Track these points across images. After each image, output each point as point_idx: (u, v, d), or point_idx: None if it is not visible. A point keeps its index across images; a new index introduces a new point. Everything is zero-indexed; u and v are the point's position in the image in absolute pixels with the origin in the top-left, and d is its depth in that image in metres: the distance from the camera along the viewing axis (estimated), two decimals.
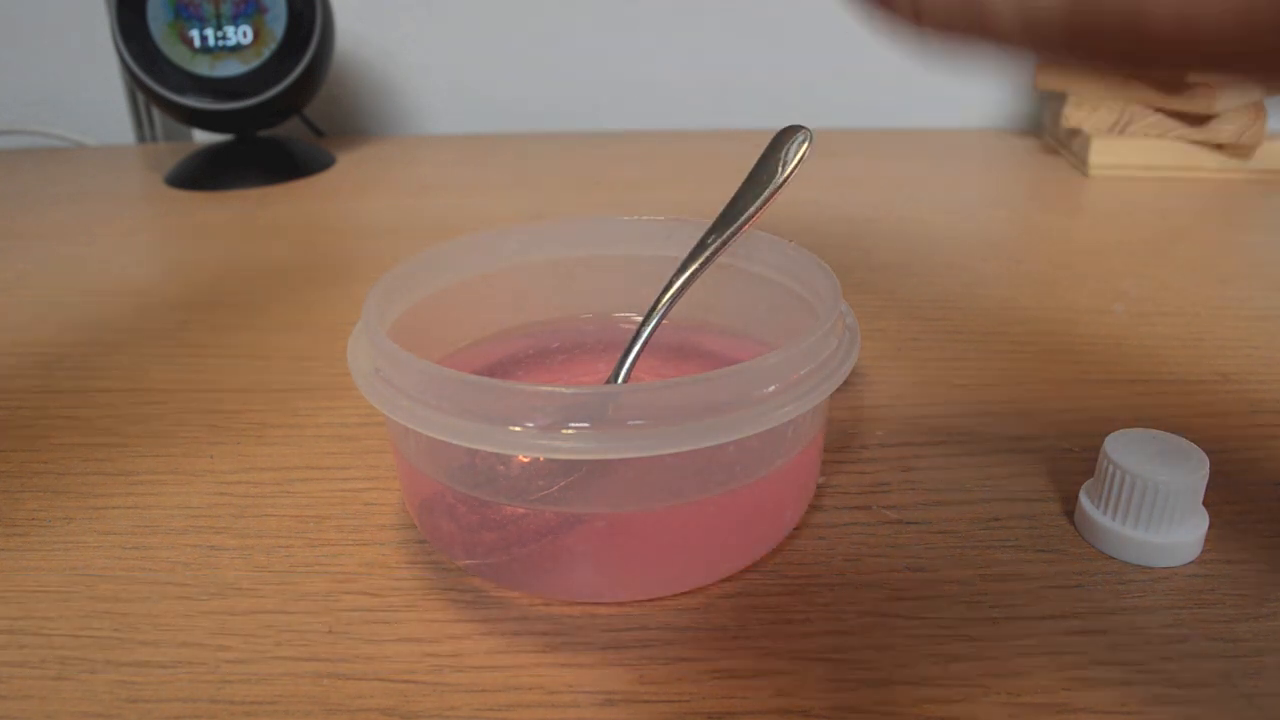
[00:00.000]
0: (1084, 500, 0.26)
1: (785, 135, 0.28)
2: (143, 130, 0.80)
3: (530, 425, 0.20)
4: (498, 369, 0.30)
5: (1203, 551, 0.25)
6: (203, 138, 0.73)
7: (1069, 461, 0.29)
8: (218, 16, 0.62)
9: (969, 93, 0.74)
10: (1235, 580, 0.24)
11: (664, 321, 0.26)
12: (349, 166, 0.67)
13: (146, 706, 0.21)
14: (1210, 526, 0.25)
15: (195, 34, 0.61)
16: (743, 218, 0.27)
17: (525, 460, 0.23)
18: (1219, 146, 0.58)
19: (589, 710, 0.20)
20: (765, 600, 0.23)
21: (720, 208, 0.28)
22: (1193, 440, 0.25)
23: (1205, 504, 0.24)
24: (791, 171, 0.28)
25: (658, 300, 0.26)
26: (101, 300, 0.43)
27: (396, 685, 0.21)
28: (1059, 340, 0.37)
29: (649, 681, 0.21)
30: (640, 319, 0.26)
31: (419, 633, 0.22)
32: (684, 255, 0.27)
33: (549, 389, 0.20)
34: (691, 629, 0.22)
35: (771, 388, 0.21)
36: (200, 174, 0.63)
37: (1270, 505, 0.27)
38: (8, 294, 0.44)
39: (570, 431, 0.20)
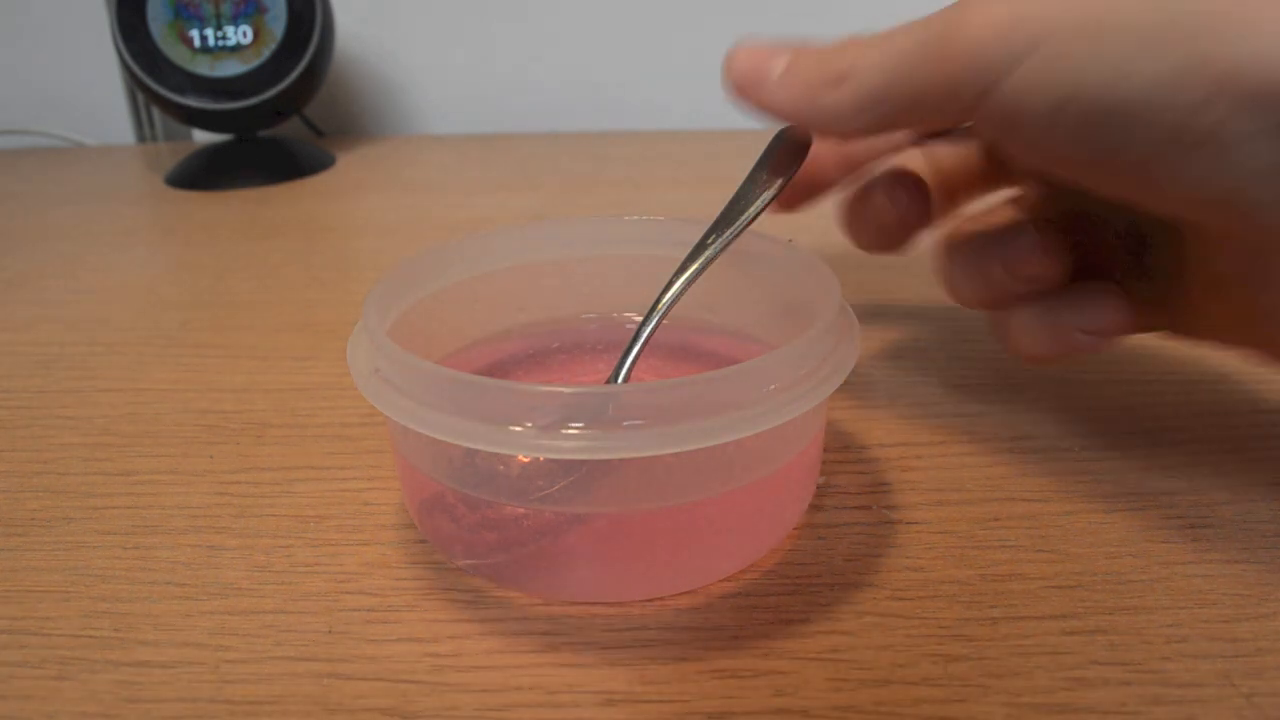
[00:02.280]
0: None
1: (785, 134, 0.28)
2: (143, 130, 0.80)
3: (530, 425, 0.20)
4: (497, 369, 0.30)
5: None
6: (203, 138, 0.73)
7: (1069, 461, 0.29)
8: (218, 16, 0.62)
9: None
10: (1235, 580, 0.24)
11: (664, 322, 0.26)
12: (349, 166, 0.67)
13: (146, 706, 0.21)
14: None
15: (195, 34, 0.61)
16: (743, 217, 0.27)
17: (525, 460, 0.23)
18: None
19: (589, 710, 0.20)
20: (765, 600, 0.23)
21: (720, 208, 0.28)
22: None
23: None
24: (794, 172, 0.28)
25: (657, 300, 0.26)
26: (101, 300, 0.43)
27: (396, 685, 0.21)
28: None
29: (649, 681, 0.21)
30: (641, 319, 0.26)
31: (419, 633, 0.22)
32: (684, 255, 0.27)
33: (549, 388, 0.20)
34: (691, 629, 0.22)
35: (772, 387, 0.21)
36: (200, 174, 0.63)
37: (1270, 505, 0.27)
38: (8, 294, 0.44)
39: (571, 431, 0.20)
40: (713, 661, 0.21)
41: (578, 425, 0.20)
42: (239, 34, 0.62)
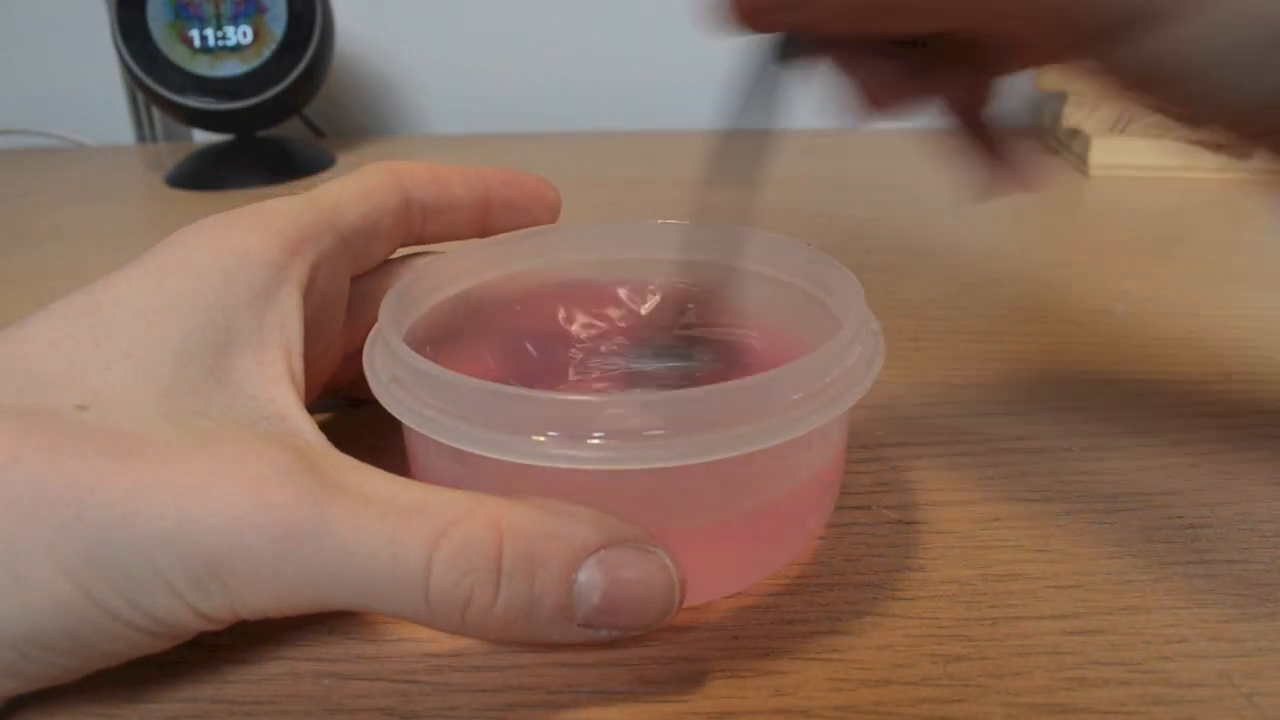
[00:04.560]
0: None
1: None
2: (143, 130, 0.80)
3: (551, 435, 0.20)
4: (511, 378, 0.29)
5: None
6: (203, 138, 0.73)
7: (1069, 461, 0.29)
8: (218, 16, 0.62)
9: None
10: (1235, 580, 0.24)
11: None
12: (349, 166, 0.67)
13: (146, 707, 0.21)
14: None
15: (195, 34, 0.61)
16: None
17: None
18: (1219, 146, 0.57)
19: (589, 710, 0.20)
20: (765, 600, 0.23)
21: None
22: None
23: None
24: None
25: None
26: None
27: (396, 685, 0.21)
28: (1059, 340, 0.37)
29: (649, 681, 0.21)
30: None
31: (419, 633, 0.22)
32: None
33: (572, 397, 0.20)
34: (691, 629, 0.22)
35: (797, 396, 0.21)
36: (200, 174, 0.63)
37: (1270, 505, 0.27)
38: (8, 294, 0.44)
39: (593, 442, 0.19)
40: (713, 661, 0.21)
41: (599, 435, 0.19)
42: (239, 34, 0.62)
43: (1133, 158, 0.59)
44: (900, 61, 0.24)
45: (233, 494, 0.18)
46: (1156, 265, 0.45)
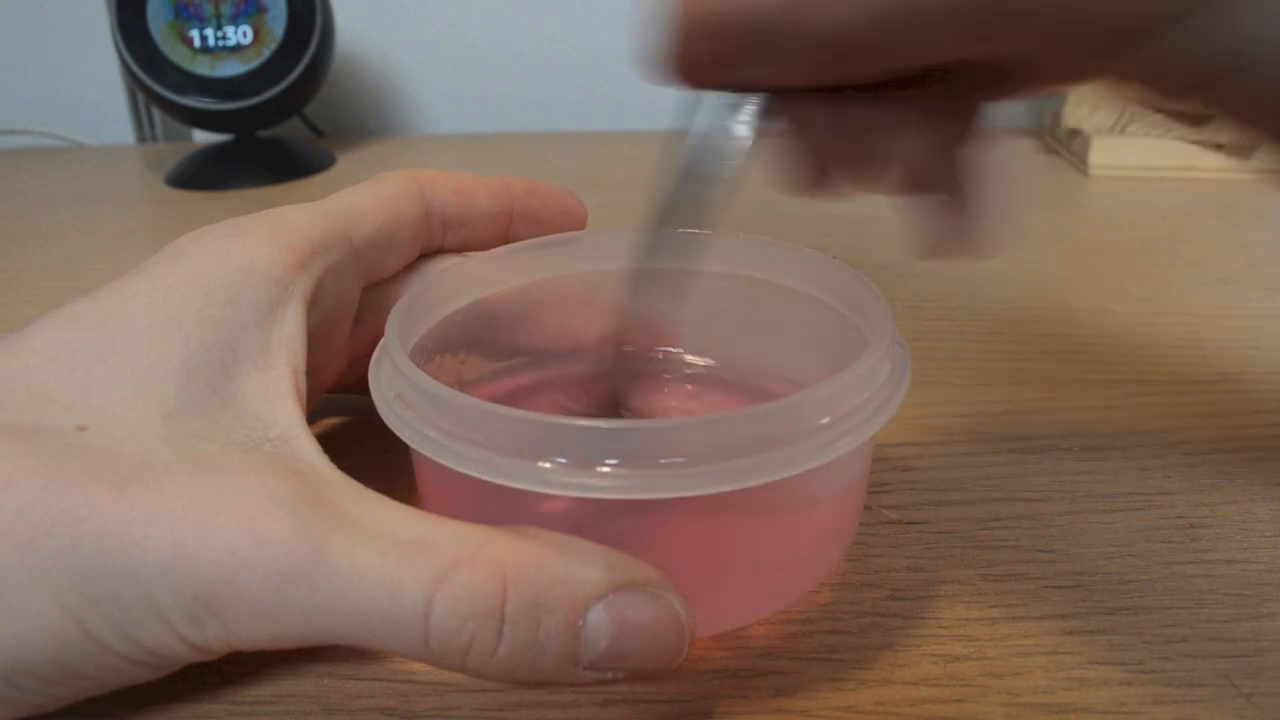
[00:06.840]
0: None
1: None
2: (143, 130, 0.80)
3: (560, 461, 0.19)
4: (523, 394, 0.29)
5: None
6: (203, 138, 0.73)
7: (1069, 461, 0.29)
8: (218, 16, 0.62)
9: None
10: (1235, 580, 0.24)
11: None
12: (349, 166, 0.67)
13: (146, 707, 0.21)
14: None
15: (195, 34, 0.61)
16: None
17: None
18: (1219, 146, 0.58)
19: (589, 710, 0.20)
20: None
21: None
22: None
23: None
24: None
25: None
26: None
27: (396, 685, 0.21)
28: (1059, 340, 0.37)
29: (649, 682, 0.21)
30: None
31: None
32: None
33: (583, 422, 0.19)
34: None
35: (825, 420, 0.20)
36: (200, 174, 0.63)
37: (1270, 505, 0.27)
38: (8, 294, 0.44)
39: (604, 470, 0.19)
40: (713, 662, 0.22)
41: (611, 463, 0.19)
42: (239, 34, 0.62)
43: (1133, 158, 0.59)
44: (867, 109, 0.21)
45: (229, 528, 0.18)
46: (1156, 265, 0.45)
